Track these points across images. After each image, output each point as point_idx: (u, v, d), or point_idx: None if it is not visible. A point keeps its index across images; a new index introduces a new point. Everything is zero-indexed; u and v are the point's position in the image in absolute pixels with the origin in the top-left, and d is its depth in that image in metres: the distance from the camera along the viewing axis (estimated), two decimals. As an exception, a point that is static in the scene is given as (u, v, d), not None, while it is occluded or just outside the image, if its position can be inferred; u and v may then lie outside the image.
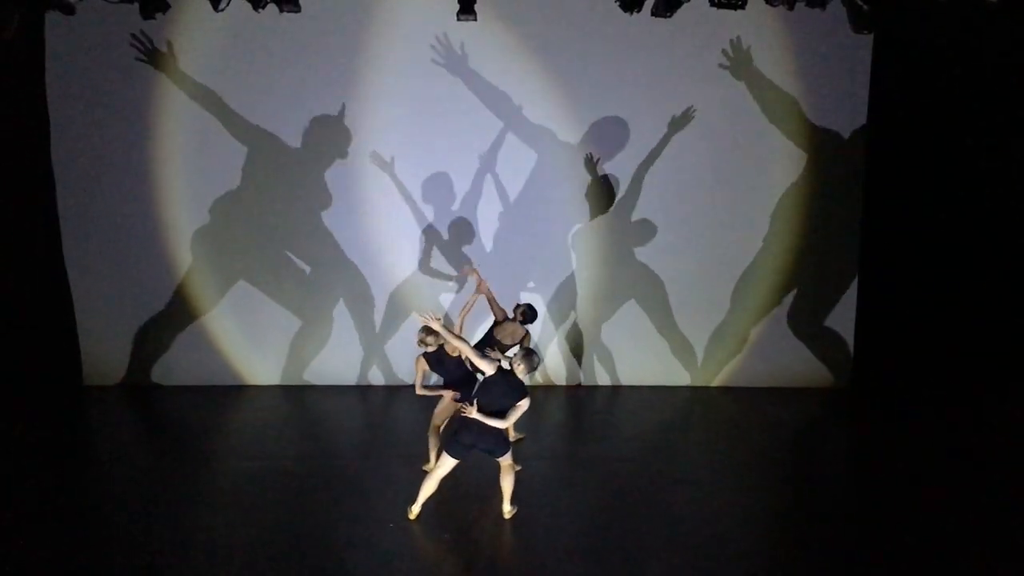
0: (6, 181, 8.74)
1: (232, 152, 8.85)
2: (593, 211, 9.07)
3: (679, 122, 8.79)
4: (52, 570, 5.67)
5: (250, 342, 9.28)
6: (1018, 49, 8.33)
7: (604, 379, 9.49)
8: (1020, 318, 8.88)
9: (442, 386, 6.98)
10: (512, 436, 7.76)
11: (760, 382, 9.37)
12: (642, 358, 9.39)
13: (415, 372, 6.87)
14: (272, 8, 7.95)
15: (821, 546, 6.07)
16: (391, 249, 9.14)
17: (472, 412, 5.95)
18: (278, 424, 8.40)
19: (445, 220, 9.09)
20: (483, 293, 7.43)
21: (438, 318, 6.06)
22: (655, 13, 7.94)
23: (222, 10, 7.76)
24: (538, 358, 6.10)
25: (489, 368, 6.05)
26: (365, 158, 8.92)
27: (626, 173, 8.96)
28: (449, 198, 9.04)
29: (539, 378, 9.45)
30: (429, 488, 6.27)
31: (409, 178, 8.99)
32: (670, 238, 9.10)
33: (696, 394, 9.31)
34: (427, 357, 6.83)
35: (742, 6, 7.60)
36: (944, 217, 8.91)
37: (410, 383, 9.28)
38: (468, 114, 8.83)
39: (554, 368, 9.47)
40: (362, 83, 8.76)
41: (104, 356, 9.21)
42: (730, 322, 9.29)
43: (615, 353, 9.41)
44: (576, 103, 8.82)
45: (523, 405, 6.01)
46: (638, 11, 7.96)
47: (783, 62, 8.73)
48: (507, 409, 5.99)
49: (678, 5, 7.80)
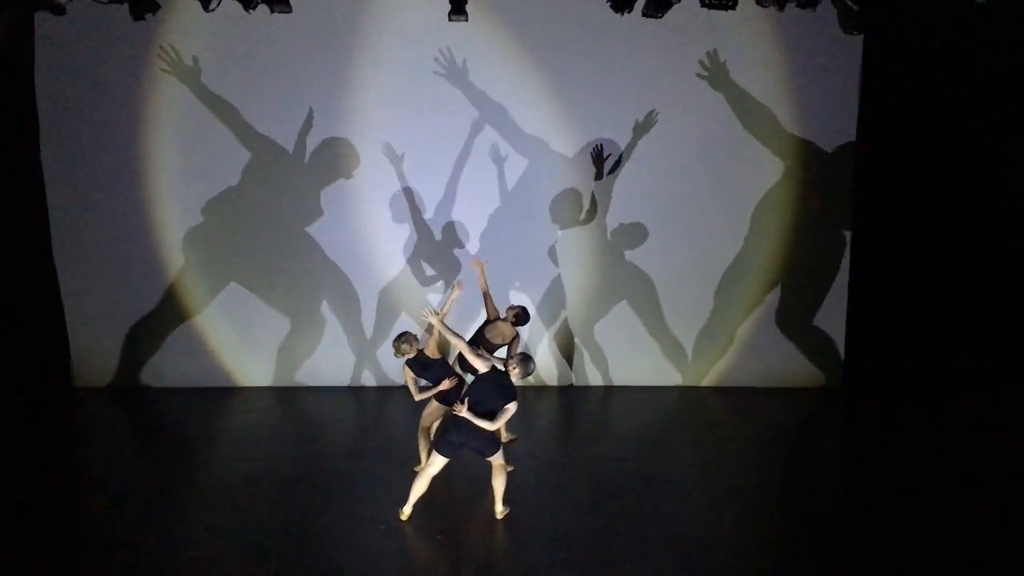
0: (-5, 181, 8.72)
1: (223, 153, 8.83)
2: (586, 211, 9.08)
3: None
4: (43, 572, 5.65)
5: (241, 343, 9.26)
6: (1007, 49, 8.38)
7: (595, 380, 9.50)
8: (1010, 316, 8.92)
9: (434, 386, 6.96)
10: (504, 437, 7.75)
11: (751, 382, 9.39)
12: (633, 358, 9.40)
13: (407, 381, 6.85)
14: (263, 9, 7.94)
15: (813, 546, 6.08)
16: (382, 250, 9.13)
17: (463, 411, 5.96)
18: (270, 426, 8.39)
19: (436, 221, 9.08)
20: (482, 287, 7.43)
21: (436, 312, 6.08)
22: (646, 14, 7.97)
23: (212, 10, 7.74)
24: (534, 364, 6.12)
25: (483, 366, 6.05)
26: (356, 159, 8.91)
27: (618, 172, 8.97)
28: (440, 199, 9.03)
29: (531, 379, 9.44)
30: (420, 488, 6.27)
31: (400, 179, 8.98)
32: (661, 238, 9.11)
33: (687, 394, 9.33)
34: (410, 365, 6.78)
35: (732, 7, 7.63)
36: (934, 216, 8.94)
37: (402, 384, 9.31)
38: (459, 114, 8.83)
39: (545, 369, 9.47)
40: (353, 84, 8.75)
41: (94, 357, 9.17)
42: (720, 322, 9.31)
43: (606, 354, 9.42)
44: (567, 103, 8.82)
45: (511, 408, 6.02)
46: (629, 12, 7.99)
47: (773, 62, 8.74)
48: (496, 410, 5.99)
49: (668, 6, 7.82)
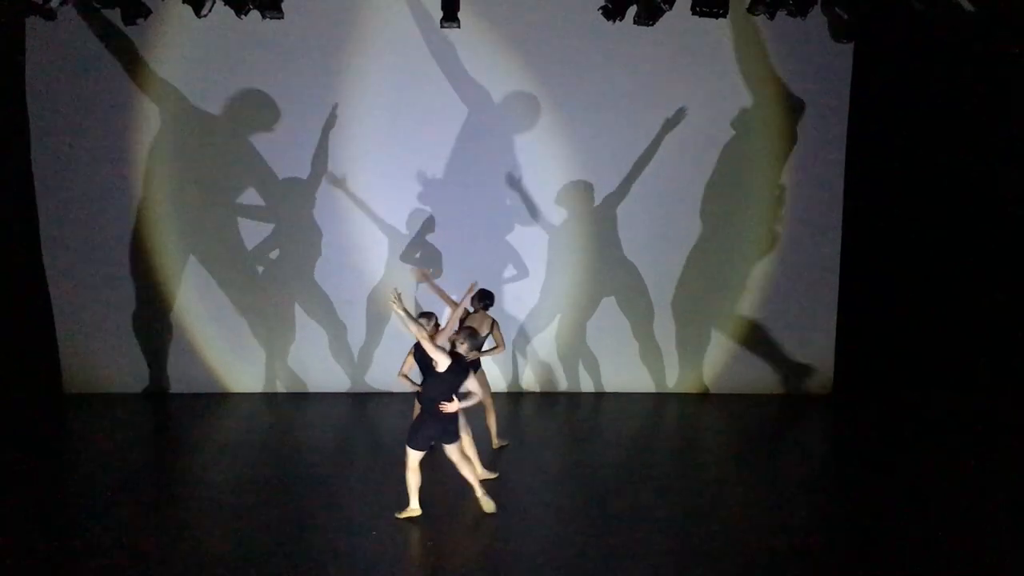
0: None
1: (214, 158, 8.83)
2: (576, 216, 9.09)
3: (667, 125, 8.85)
4: (29, 579, 5.63)
5: (232, 349, 9.24)
6: (996, 57, 8.43)
7: (587, 386, 9.50)
8: (1001, 324, 8.95)
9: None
10: (496, 443, 7.76)
11: (742, 388, 9.40)
12: (623, 365, 9.40)
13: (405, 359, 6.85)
14: (255, 14, 7.94)
15: (804, 553, 6.07)
16: (375, 255, 9.12)
17: (452, 407, 6.07)
18: (259, 432, 8.36)
19: (428, 226, 9.08)
20: (440, 296, 7.45)
21: (398, 299, 6.00)
22: (637, 21, 7.99)
23: (204, 16, 7.74)
24: (481, 337, 6.11)
25: (444, 359, 6.11)
26: (348, 165, 8.91)
27: (609, 179, 9.00)
28: (432, 204, 9.04)
29: (522, 385, 9.46)
30: (415, 480, 6.30)
31: (392, 184, 8.98)
32: (652, 245, 9.13)
33: (679, 400, 9.32)
34: (415, 351, 6.70)
35: (723, 14, 7.65)
36: (924, 223, 8.98)
37: (393, 390, 9.30)
38: (451, 120, 8.85)
39: (537, 375, 9.47)
40: (345, 89, 8.76)
41: (84, 364, 9.14)
42: (712, 329, 9.32)
43: (597, 360, 9.42)
44: (558, 109, 8.85)
45: (472, 387, 6.15)
46: (620, 19, 8.00)
47: (764, 70, 8.80)
48: (458, 390, 6.15)
49: (659, 13, 7.84)
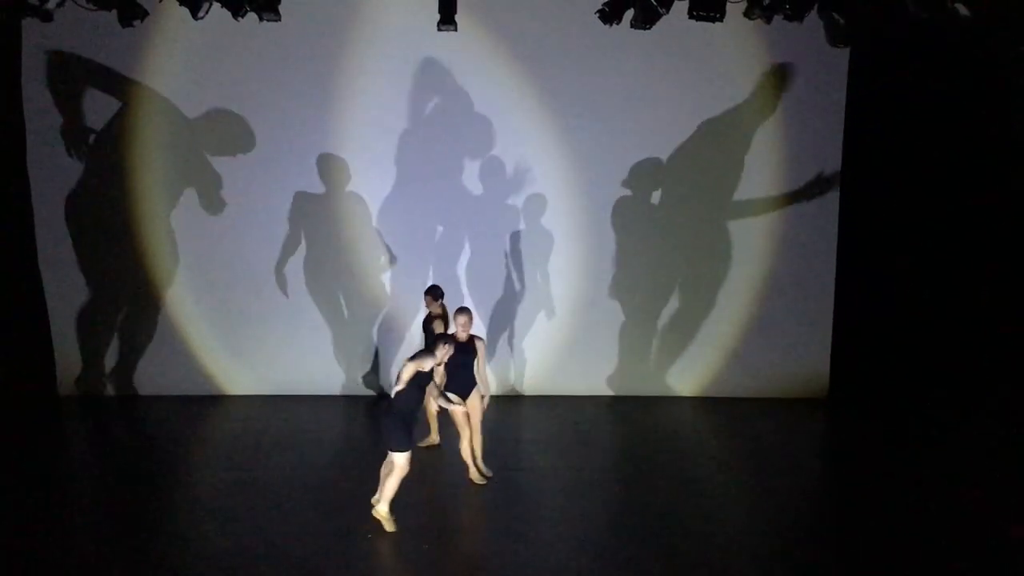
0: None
1: (211, 160, 8.83)
2: (572, 219, 9.09)
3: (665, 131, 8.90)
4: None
5: (228, 351, 9.23)
6: (991, 61, 8.46)
7: (582, 389, 9.49)
8: (997, 327, 8.96)
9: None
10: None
11: (737, 392, 9.40)
12: (619, 369, 9.40)
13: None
14: (252, 16, 7.94)
15: (801, 558, 6.07)
16: (371, 257, 9.12)
17: (461, 407, 6.48)
18: (255, 434, 8.34)
19: (425, 229, 9.08)
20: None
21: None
22: (634, 25, 7.99)
23: (201, 18, 7.73)
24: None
25: (430, 363, 6.28)
26: (345, 167, 8.91)
27: (606, 182, 9.00)
28: (430, 207, 9.04)
29: (518, 388, 9.45)
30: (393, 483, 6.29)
31: (389, 187, 8.99)
32: (648, 248, 9.14)
33: (676, 404, 9.32)
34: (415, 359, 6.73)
35: (720, 19, 7.66)
36: (920, 227, 9.00)
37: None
38: (448, 123, 8.86)
39: (533, 378, 9.46)
40: (342, 92, 8.76)
41: (79, 366, 9.13)
42: (707, 333, 9.32)
43: (594, 363, 9.41)
44: (555, 113, 8.86)
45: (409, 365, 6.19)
46: (617, 23, 8.01)
47: (761, 74, 8.81)
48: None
49: (656, 17, 7.85)
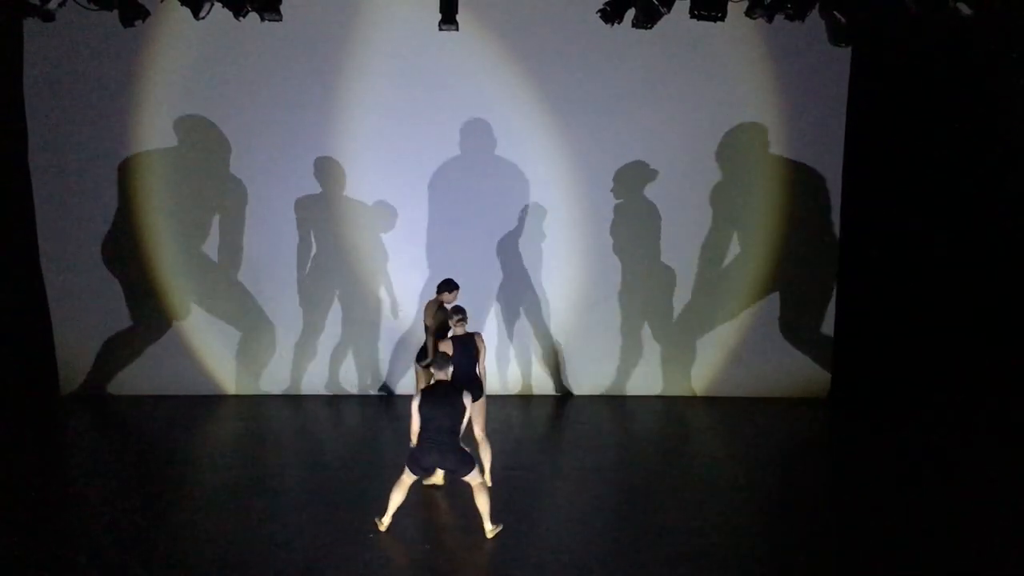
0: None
1: (212, 160, 8.83)
2: (574, 219, 9.10)
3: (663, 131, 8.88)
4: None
5: (228, 351, 9.23)
6: (993, 61, 8.45)
7: (585, 389, 9.49)
8: (1000, 327, 8.95)
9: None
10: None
11: (740, 392, 9.40)
12: (622, 368, 9.40)
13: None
14: (253, 16, 7.94)
15: (803, 558, 6.07)
16: (371, 257, 9.13)
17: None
18: (255, 434, 8.36)
19: (425, 228, 9.08)
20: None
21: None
22: (635, 25, 7.99)
23: (202, 18, 7.73)
24: (430, 359, 6.30)
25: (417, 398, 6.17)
26: (346, 166, 8.92)
27: (607, 181, 9.00)
28: (430, 206, 9.04)
29: (519, 388, 9.45)
30: (398, 498, 6.22)
31: (390, 187, 8.99)
32: (649, 247, 9.14)
33: (678, 404, 9.32)
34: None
35: (721, 18, 7.66)
36: (922, 226, 8.98)
37: (399, 392, 9.30)
38: (449, 123, 8.86)
39: (534, 378, 9.46)
40: (343, 92, 8.76)
41: (80, 365, 9.13)
42: (710, 333, 9.32)
43: (595, 363, 9.42)
44: (557, 112, 8.86)
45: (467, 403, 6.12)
46: (619, 22, 8.01)
47: (762, 73, 8.81)
48: (444, 418, 6.04)
49: (658, 17, 7.85)
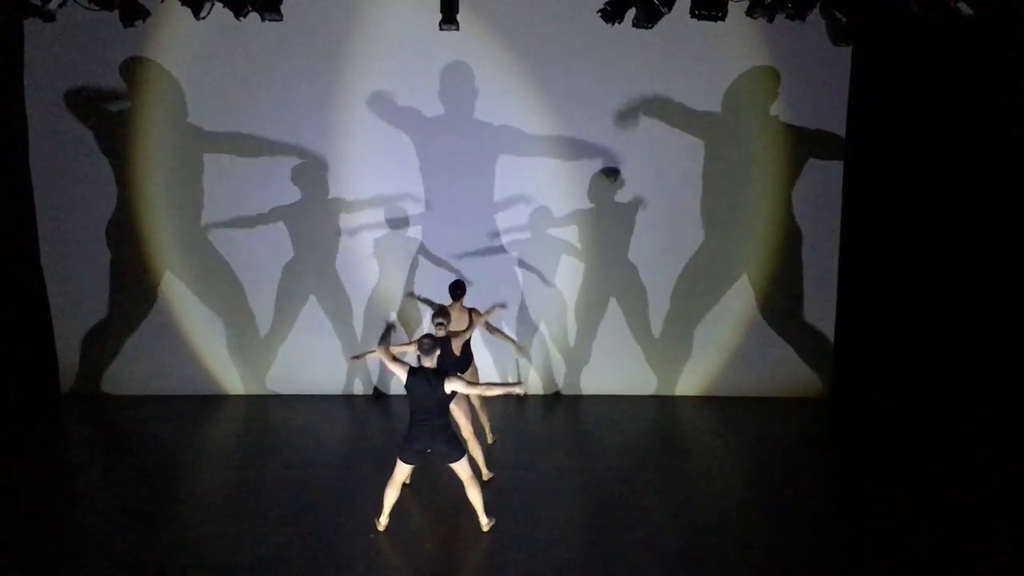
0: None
1: (212, 160, 8.83)
2: (574, 219, 9.10)
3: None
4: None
5: (229, 351, 9.24)
6: (994, 60, 8.45)
7: (583, 388, 9.50)
8: (1001, 325, 8.95)
9: None
10: (489, 439, 7.84)
11: (739, 392, 9.40)
12: (620, 368, 9.39)
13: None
14: (254, 16, 7.93)
15: (801, 559, 6.08)
16: (372, 257, 9.13)
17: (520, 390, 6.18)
18: (256, 434, 8.37)
19: (426, 228, 9.08)
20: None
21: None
22: (636, 24, 7.99)
23: (203, 18, 7.73)
24: (425, 341, 6.13)
25: (401, 373, 6.13)
26: (346, 167, 8.91)
27: (607, 182, 8.99)
28: (430, 206, 9.04)
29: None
30: (392, 496, 6.24)
31: (391, 186, 8.99)
32: (649, 247, 9.13)
33: (676, 404, 9.32)
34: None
35: (722, 18, 7.65)
36: (923, 226, 8.98)
37: (393, 392, 9.31)
38: (450, 123, 8.85)
39: (532, 377, 9.46)
40: (343, 92, 8.76)
41: (81, 365, 9.14)
42: (709, 332, 9.32)
43: (593, 363, 9.42)
44: (558, 112, 8.85)
45: (459, 387, 6.10)
46: (619, 22, 8.00)
47: (763, 74, 8.80)
48: (432, 400, 6.07)
49: (658, 16, 7.84)
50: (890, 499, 6.95)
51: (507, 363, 9.36)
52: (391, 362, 6.07)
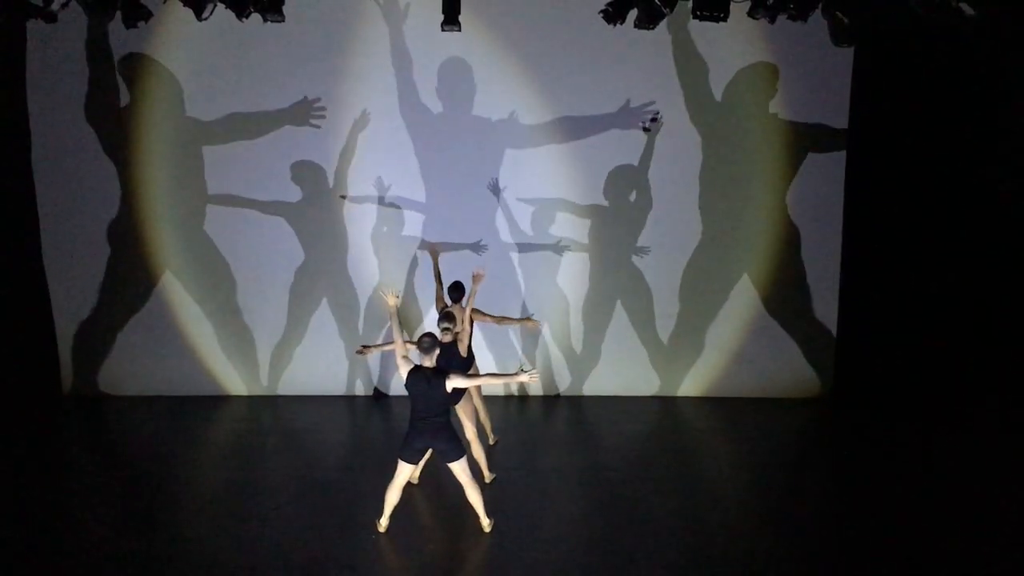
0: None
1: (214, 160, 8.84)
2: (575, 219, 9.09)
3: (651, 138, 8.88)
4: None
5: (231, 352, 9.25)
6: (997, 61, 8.44)
7: (586, 389, 9.49)
8: (1003, 326, 8.94)
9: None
10: (491, 440, 7.87)
11: (742, 392, 9.39)
12: (624, 368, 9.39)
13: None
14: (256, 17, 7.94)
15: (803, 560, 6.08)
16: (374, 258, 9.13)
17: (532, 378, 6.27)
18: (258, 434, 8.36)
19: (428, 228, 9.08)
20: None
21: (397, 295, 6.17)
22: (638, 25, 7.99)
23: (205, 19, 7.73)
24: (425, 339, 6.08)
25: (404, 369, 6.10)
26: (348, 167, 8.92)
27: (608, 182, 8.99)
28: (433, 207, 9.04)
29: (519, 388, 9.45)
30: (393, 498, 6.24)
31: (393, 188, 8.99)
32: (652, 248, 9.13)
33: (678, 404, 9.32)
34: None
35: (724, 19, 7.65)
36: (925, 226, 8.98)
37: (391, 393, 9.31)
38: (451, 124, 8.85)
39: (536, 379, 9.42)
40: (345, 92, 8.76)
41: (82, 365, 9.15)
42: (710, 333, 9.31)
43: (595, 363, 9.42)
44: (560, 113, 8.86)
45: (459, 383, 6.10)
46: (621, 23, 8.01)
47: (764, 74, 8.80)
48: (434, 401, 6.06)
49: (660, 17, 7.84)
50: (891, 500, 6.95)
51: (509, 364, 9.36)
52: (401, 359, 6.09)
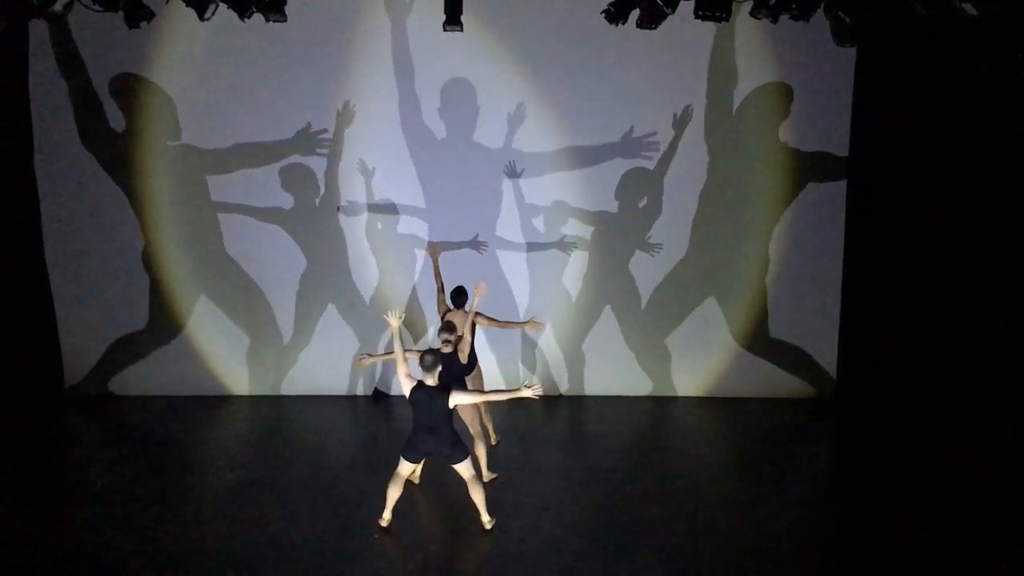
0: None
1: (216, 160, 8.85)
2: (577, 222, 9.10)
3: (679, 124, 8.85)
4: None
5: (234, 351, 9.25)
6: (999, 61, 8.42)
7: (587, 389, 9.49)
8: (1003, 326, 8.92)
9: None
10: (492, 439, 7.86)
11: (743, 392, 9.38)
12: (626, 368, 9.39)
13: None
14: (258, 17, 7.95)
15: (803, 559, 6.07)
16: (376, 259, 9.14)
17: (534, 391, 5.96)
18: (261, 434, 8.37)
19: (430, 229, 9.08)
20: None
21: (400, 316, 6.13)
22: (640, 25, 7.98)
23: (208, 19, 7.75)
24: (427, 357, 6.03)
25: (407, 386, 6.07)
26: (350, 168, 8.92)
27: (610, 183, 9.00)
28: (433, 207, 9.04)
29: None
30: (395, 493, 6.27)
31: (394, 187, 8.99)
32: (652, 247, 9.13)
33: (679, 405, 9.31)
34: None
35: (726, 18, 7.66)
36: (927, 226, 8.96)
37: (395, 393, 9.32)
38: (453, 124, 8.85)
39: (537, 379, 9.42)
40: (348, 93, 8.77)
41: (86, 364, 9.16)
42: (710, 333, 9.31)
43: (595, 363, 9.41)
44: (562, 113, 8.84)
45: (460, 399, 6.06)
46: (623, 23, 8.01)
47: (767, 74, 8.79)
48: (436, 412, 6.04)
49: (662, 17, 7.84)
50: (892, 500, 6.94)
51: (511, 368, 9.36)
52: (404, 376, 6.06)
